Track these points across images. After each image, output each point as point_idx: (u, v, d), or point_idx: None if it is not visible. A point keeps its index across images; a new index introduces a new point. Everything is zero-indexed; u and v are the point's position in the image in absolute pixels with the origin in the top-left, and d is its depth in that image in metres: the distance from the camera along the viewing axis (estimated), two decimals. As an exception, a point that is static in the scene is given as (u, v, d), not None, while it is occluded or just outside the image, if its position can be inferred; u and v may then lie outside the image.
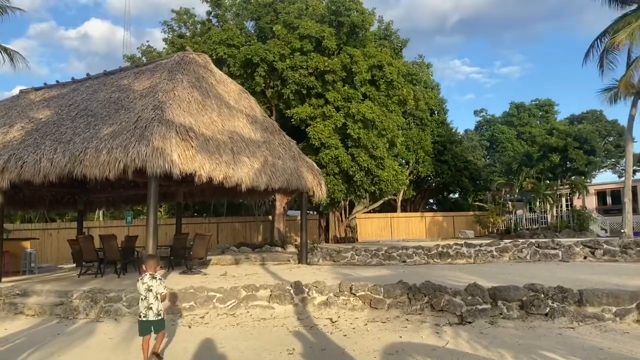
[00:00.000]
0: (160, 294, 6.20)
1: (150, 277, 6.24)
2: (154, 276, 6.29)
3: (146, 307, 6.13)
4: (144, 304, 6.15)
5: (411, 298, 8.35)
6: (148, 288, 6.15)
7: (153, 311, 6.12)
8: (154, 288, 6.15)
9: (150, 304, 6.12)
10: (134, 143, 10.49)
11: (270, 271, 13.74)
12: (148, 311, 6.12)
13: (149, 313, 6.12)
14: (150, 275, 6.28)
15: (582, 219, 32.85)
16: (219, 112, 13.35)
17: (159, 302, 6.21)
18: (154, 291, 6.14)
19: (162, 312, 6.25)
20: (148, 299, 6.13)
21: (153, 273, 6.33)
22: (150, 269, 6.37)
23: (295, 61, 21.44)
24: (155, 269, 6.44)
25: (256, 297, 9.32)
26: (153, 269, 6.39)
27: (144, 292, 6.16)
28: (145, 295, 6.15)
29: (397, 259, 15.08)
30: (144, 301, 6.16)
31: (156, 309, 6.14)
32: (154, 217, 10.89)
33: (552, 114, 53.09)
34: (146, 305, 6.13)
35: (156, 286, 6.17)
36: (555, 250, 14.03)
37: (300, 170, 15.15)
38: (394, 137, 22.31)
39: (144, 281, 6.21)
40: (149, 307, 6.12)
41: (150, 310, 6.12)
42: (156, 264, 6.51)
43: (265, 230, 28.82)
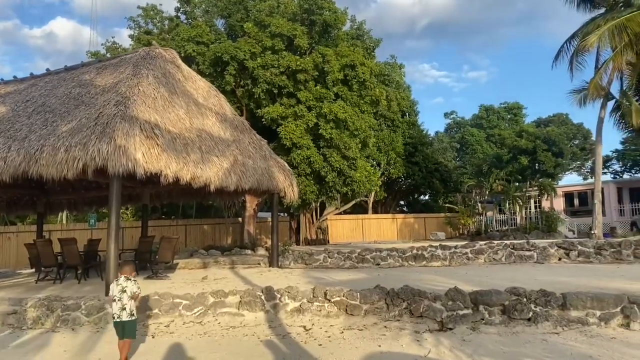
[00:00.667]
0: (134, 293, 6.42)
1: (125, 279, 6.49)
2: (129, 278, 6.53)
3: (120, 308, 6.32)
4: (118, 305, 6.33)
5: (389, 304, 7.97)
6: (122, 289, 6.37)
7: (126, 311, 6.31)
8: (128, 289, 6.38)
9: (124, 305, 6.32)
10: (95, 140, 9.83)
11: (240, 275, 13.21)
12: (122, 312, 6.31)
13: (122, 313, 6.31)
14: (125, 277, 6.52)
15: (550, 221, 33.24)
16: (186, 110, 12.75)
17: (133, 302, 6.41)
18: (128, 292, 6.36)
19: (134, 312, 6.43)
20: (122, 300, 6.33)
21: (128, 276, 6.56)
22: (125, 273, 6.60)
23: (266, 60, 20.93)
24: (131, 273, 6.66)
25: (225, 304, 8.80)
26: (128, 272, 6.62)
27: (118, 293, 6.36)
28: (119, 297, 6.34)
29: (371, 261, 14.72)
30: (117, 302, 6.33)
31: (129, 310, 6.33)
32: (116, 220, 10.24)
33: (520, 116, 53.84)
34: (120, 306, 6.32)
35: (130, 286, 6.41)
36: (530, 252, 13.90)
37: (272, 171, 14.66)
38: (366, 137, 22.00)
39: (119, 282, 6.46)
40: (123, 307, 6.31)
41: (124, 310, 6.31)
42: (132, 269, 6.73)
43: (235, 232, 28.17)
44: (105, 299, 9.51)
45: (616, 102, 23.68)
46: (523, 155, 36.69)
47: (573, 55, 24.38)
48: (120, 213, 33.44)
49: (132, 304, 6.40)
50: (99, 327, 8.74)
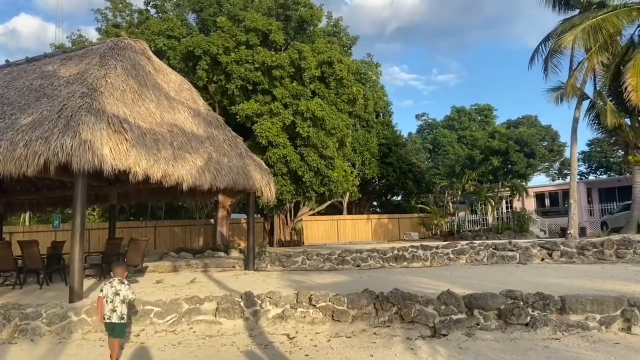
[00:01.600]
0: (128, 299, 6.49)
1: (119, 282, 6.52)
2: (122, 281, 6.56)
3: (111, 310, 6.35)
4: (109, 306, 6.36)
5: (378, 308, 7.47)
6: (116, 292, 6.42)
7: (117, 314, 6.37)
8: (121, 292, 6.43)
9: (115, 307, 6.36)
10: (57, 135, 9.08)
11: (214, 279, 12.55)
12: (112, 313, 6.35)
13: (113, 315, 6.35)
14: (119, 280, 6.54)
15: (522, 221, 33.51)
16: (157, 103, 12.03)
17: (124, 306, 6.44)
18: (121, 295, 6.41)
19: (125, 316, 6.47)
20: (114, 302, 6.37)
21: (121, 278, 6.58)
22: (118, 274, 6.61)
23: (240, 55, 20.24)
24: (123, 274, 6.68)
25: (200, 311, 8.15)
26: (121, 274, 6.64)
27: (111, 295, 6.40)
28: (112, 299, 6.38)
29: (351, 263, 14.24)
30: (109, 304, 6.37)
31: (120, 312, 6.39)
32: (81, 220, 9.47)
33: (491, 118, 54.38)
34: (111, 307, 6.35)
35: (124, 291, 6.46)
36: (513, 252, 13.63)
37: (248, 169, 14.03)
38: (343, 136, 21.51)
39: (113, 285, 6.48)
40: (114, 309, 6.36)
41: (114, 312, 6.36)
42: (124, 270, 6.77)
43: (207, 234, 27.35)
44: (68, 306, 8.77)
45: (591, 102, 23.83)
46: (495, 156, 36.87)
47: (547, 57, 24.43)
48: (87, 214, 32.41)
49: (123, 308, 6.42)
50: (62, 337, 8.00)
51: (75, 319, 8.39)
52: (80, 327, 8.28)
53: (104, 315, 6.38)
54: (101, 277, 13.07)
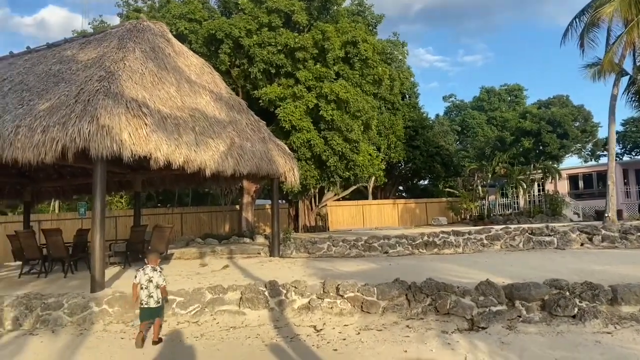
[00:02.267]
0: (160, 286, 6.77)
1: (152, 269, 6.83)
2: (155, 268, 6.86)
3: (147, 296, 6.69)
4: (145, 292, 6.69)
5: (411, 300, 7.01)
6: (149, 279, 6.73)
7: (154, 299, 6.70)
8: (154, 279, 6.74)
9: (151, 293, 6.70)
10: (75, 120, 8.80)
11: (239, 266, 12.25)
12: (149, 299, 6.69)
13: (150, 301, 6.69)
14: (152, 267, 6.86)
15: (555, 204, 32.52)
16: (177, 87, 11.67)
17: (159, 291, 6.76)
18: (154, 282, 6.73)
19: (161, 300, 6.83)
20: (149, 289, 6.70)
21: (154, 265, 6.90)
22: (151, 262, 6.94)
23: (263, 37, 19.73)
24: (156, 262, 7.00)
25: (224, 301, 7.84)
26: (154, 262, 6.96)
27: (145, 282, 6.71)
28: (146, 285, 6.71)
29: (379, 249, 13.77)
30: (144, 290, 6.69)
31: (156, 297, 6.73)
32: (101, 208, 9.22)
33: (521, 98, 52.79)
34: (147, 294, 6.69)
35: (156, 278, 6.77)
36: (550, 237, 12.96)
37: (271, 154, 13.63)
38: (369, 119, 20.87)
39: (146, 272, 6.79)
40: (150, 295, 6.69)
41: (151, 298, 6.69)
42: (157, 258, 7.11)
43: (233, 220, 27.18)
44: (90, 296, 8.56)
45: (630, 78, 22.64)
46: (527, 137, 35.67)
47: (583, 31, 23.32)
48: (114, 201, 32.63)
49: (157, 293, 6.74)
50: (83, 328, 7.79)
51: (96, 309, 8.18)
52: (101, 318, 8.06)
53: (141, 301, 6.71)
54: (125, 265, 12.92)
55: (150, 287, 6.71)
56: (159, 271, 6.90)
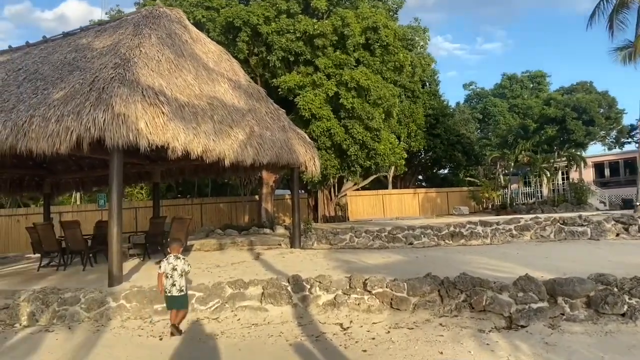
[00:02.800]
0: (183, 271, 6.81)
1: (175, 258, 6.88)
2: (178, 256, 6.91)
3: (171, 284, 6.71)
4: (169, 281, 6.72)
5: (444, 296, 6.59)
6: (173, 267, 6.76)
7: (176, 287, 6.72)
8: (178, 267, 6.78)
9: (174, 281, 6.73)
10: (89, 108, 8.49)
11: (260, 258, 11.93)
12: (172, 287, 6.71)
13: (173, 289, 6.71)
14: (175, 256, 6.90)
15: (580, 192, 31.65)
16: (195, 75, 11.32)
17: (183, 279, 6.82)
18: (178, 270, 6.77)
19: (184, 289, 6.84)
20: (173, 277, 6.74)
21: (177, 254, 6.95)
22: (174, 251, 7.01)
23: (281, 24, 19.28)
24: (179, 250, 7.06)
25: (245, 296, 7.51)
26: (177, 250, 7.02)
27: (169, 270, 6.75)
28: (170, 274, 6.75)
29: (403, 240, 13.33)
30: (169, 279, 6.73)
31: (179, 286, 6.75)
32: (117, 199, 8.95)
33: (544, 85, 51.50)
34: (171, 282, 6.71)
35: (181, 265, 6.81)
36: (583, 228, 12.38)
37: (291, 143, 13.25)
38: (390, 106, 20.32)
39: (169, 261, 6.83)
40: (173, 284, 6.71)
41: (174, 286, 6.71)
42: (179, 247, 7.18)
43: (252, 210, 26.94)
44: (107, 290, 8.30)
45: (665, 60, 21.74)
46: (551, 125, 34.69)
47: (612, 13, 22.50)
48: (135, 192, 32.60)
49: (182, 281, 6.75)
50: (100, 324, 7.53)
51: (113, 304, 7.92)
52: (119, 314, 7.79)
53: (165, 289, 6.74)
54: (145, 257, 12.71)
55: (175, 275, 6.74)
56: (182, 258, 6.93)
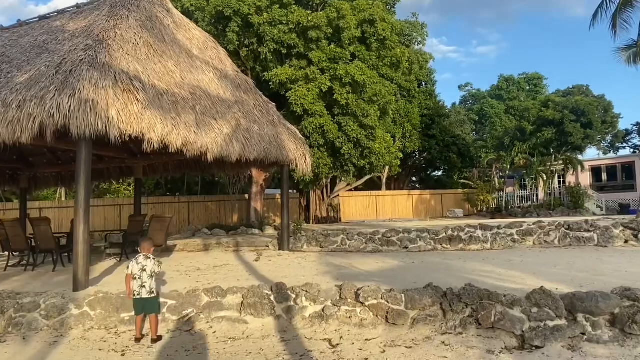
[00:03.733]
0: (153, 272, 6.37)
1: (145, 257, 6.46)
2: (148, 256, 6.50)
3: (140, 286, 6.28)
4: (137, 282, 6.30)
5: (447, 310, 5.78)
6: (142, 268, 6.35)
7: (146, 289, 6.28)
8: (148, 268, 6.35)
9: (144, 283, 6.29)
10: (54, 93, 7.63)
11: (245, 261, 11.10)
12: (141, 289, 6.27)
13: (142, 291, 6.27)
14: (144, 255, 6.49)
15: (577, 197, 31.17)
16: (177, 62, 10.47)
17: (153, 280, 6.38)
18: (148, 270, 6.34)
19: (155, 290, 6.38)
20: (142, 278, 6.30)
21: (147, 254, 6.52)
22: (144, 250, 6.58)
23: (273, 15, 18.47)
24: (149, 250, 6.64)
25: (222, 306, 6.66)
26: (147, 250, 6.59)
27: (138, 272, 6.33)
28: (139, 275, 6.32)
29: (398, 244, 12.54)
30: (137, 280, 6.30)
31: (149, 287, 6.31)
32: (85, 195, 8.08)
33: (541, 87, 50.98)
34: (140, 284, 6.29)
35: (150, 265, 6.39)
36: (590, 233, 11.64)
37: (281, 139, 12.42)
38: (386, 104, 19.56)
39: (139, 261, 6.41)
40: (142, 285, 6.28)
41: (143, 288, 6.27)
42: (150, 246, 6.72)
43: (241, 210, 26.08)
44: (70, 296, 7.44)
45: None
46: (549, 127, 34.09)
47: (616, 12, 21.85)
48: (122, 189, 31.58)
49: (151, 282, 6.35)
50: (59, 334, 6.69)
51: (75, 312, 7.06)
52: (81, 323, 6.94)
53: (134, 292, 6.30)
54: (122, 257, 11.84)
55: (144, 276, 6.30)
56: (152, 258, 6.50)
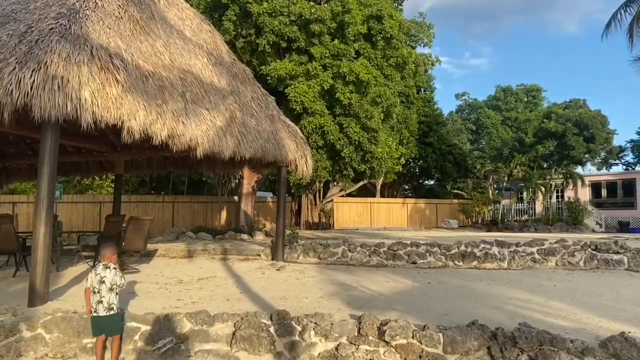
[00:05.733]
0: (116, 285, 5.32)
1: (104, 267, 5.42)
2: (108, 266, 5.44)
3: (97, 302, 5.25)
4: (95, 297, 5.27)
5: (496, 356, 4.52)
6: (101, 280, 5.31)
7: (103, 305, 5.22)
8: (107, 279, 5.31)
9: (102, 297, 5.25)
10: (14, 66, 6.30)
11: (234, 273, 9.79)
12: (98, 305, 5.24)
13: (99, 307, 5.23)
14: (104, 265, 5.45)
15: (576, 212, 30.37)
16: (166, 42, 9.16)
17: (113, 294, 5.31)
18: (107, 282, 5.30)
19: (114, 307, 5.29)
20: (101, 292, 5.27)
21: (107, 263, 5.48)
22: (104, 259, 5.55)
23: (274, 5, 17.17)
24: (111, 259, 5.55)
25: (209, 336, 5.34)
26: (107, 259, 5.55)
27: (96, 284, 5.31)
28: (98, 288, 5.28)
29: (405, 258, 11.29)
30: (96, 294, 5.28)
31: (107, 303, 5.24)
32: (48, 190, 6.71)
33: (539, 99, 50.21)
34: (97, 299, 5.26)
35: (111, 277, 5.33)
36: (619, 256, 10.50)
37: (280, 136, 11.15)
38: (390, 106, 18.35)
39: (97, 272, 5.40)
40: (100, 300, 5.24)
41: (100, 304, 5.23)
42: (112, 254, 5.59)
43: (230, 212, 24.69)
44: (23, 313, 6.09)
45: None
46: (550, 139, 33.19)
47: (633, 22, 21.02)
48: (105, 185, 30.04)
49: (111, 297, 5.29)
50: (4, 362, 5.33)
51: (27, 334, 5.70)
52: (33, 348, 5.59)
53: (92, 309, 5.26)
54: (96, 262, 10.45)
55: (102, 289, 5.26)
56: (113, 268, 5.39)
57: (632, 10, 21.33)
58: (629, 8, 21.56)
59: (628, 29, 20.86)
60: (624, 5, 21.80)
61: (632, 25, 20.78)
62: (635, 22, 20.78)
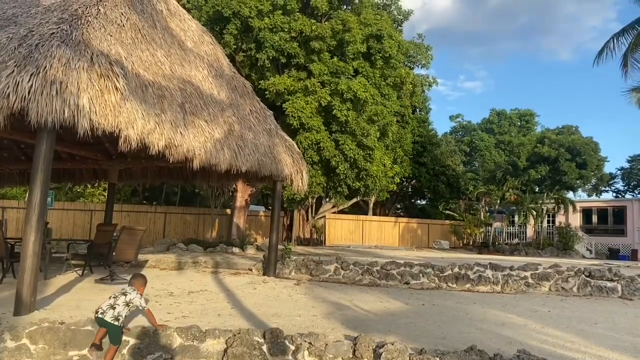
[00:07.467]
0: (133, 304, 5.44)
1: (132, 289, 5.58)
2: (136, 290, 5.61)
3: (109, 305, 5.31)
4: (109, 301, 5.36)
5: (495, 384, 4.43)
6: (123, 291, 5.51)
7: (114, 312, 5.25)
8: (129, 295, 5.46)
9: (116, 304, 5.31)
10: (12, 69, 6.21)
11: (225, 287, 9.64)
12: (108, 309, 5.27)
13: (108, 311, 5.26)
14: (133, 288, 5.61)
15: (567, 237, 30.54)
16: (167, 52, 9.12)
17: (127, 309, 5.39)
18: (127, 297, 5.42)
19: (121, 320, 5.29)
20: (117, 299, 5.38)
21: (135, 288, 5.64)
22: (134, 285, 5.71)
23: (275, 21, 17.26)
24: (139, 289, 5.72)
25: (200, 353, 5.21)
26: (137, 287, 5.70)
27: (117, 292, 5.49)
28: (116, 296, 5.43)
29: (398, 278, 11.19)
30: (110, 299, 5.40)
31: (117, 313, 5.26)
32: (40, 197, 6.57)
33: (532, 124, 50.66)
34: (111, 303, 5.33)
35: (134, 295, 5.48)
36: (613, 283, 10.46)
37: (277, 151, 11.09)
38: (386, 125, 18.38)
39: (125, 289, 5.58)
40: (113, 306, 5.30)
41: (112, 309, 5.26)
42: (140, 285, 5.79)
43: (222, 225, 24.49)
44: (8, 322, 5.92)
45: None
46: (543, 164, 33.42)
47: (627, 52, 21.28)
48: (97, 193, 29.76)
49: (124, 310, 5.36)
50: (-15, 375, 5.15)
51: (11, 344, 5.53)
52: (17, 359, 5.41)
53: (99, 309, 5.34)
54: (85, 271, 10.30)
55: (120, 299, 5.38)
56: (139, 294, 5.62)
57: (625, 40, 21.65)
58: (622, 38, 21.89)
59: (622, 59, 21.10)
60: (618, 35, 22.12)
61: (627, 55, 21.02)
62: (629, 52, 21.04)
